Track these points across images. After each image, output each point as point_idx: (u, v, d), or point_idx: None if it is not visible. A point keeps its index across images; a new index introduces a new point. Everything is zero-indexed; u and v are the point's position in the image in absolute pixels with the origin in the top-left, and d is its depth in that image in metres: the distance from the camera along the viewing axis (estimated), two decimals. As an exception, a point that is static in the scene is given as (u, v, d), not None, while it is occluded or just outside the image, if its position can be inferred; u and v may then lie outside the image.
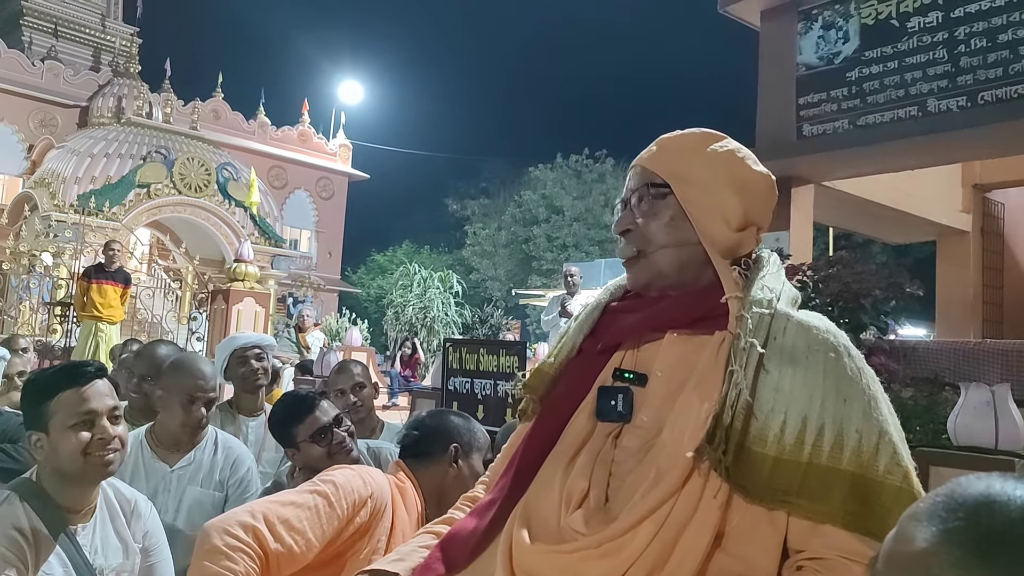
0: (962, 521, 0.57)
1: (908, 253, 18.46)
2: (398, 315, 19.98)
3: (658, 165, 1.29)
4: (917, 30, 5.76)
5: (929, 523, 0.58)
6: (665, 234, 1.25)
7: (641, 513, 1.07)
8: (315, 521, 1.62)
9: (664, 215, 1.25)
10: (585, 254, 27.15)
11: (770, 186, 1.30)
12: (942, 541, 0.57)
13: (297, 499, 1.66)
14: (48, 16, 24.18)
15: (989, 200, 8.00)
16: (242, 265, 10.49)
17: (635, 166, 1.33)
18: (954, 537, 0.56)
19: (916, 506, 0.62)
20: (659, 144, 1.32)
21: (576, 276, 8.27)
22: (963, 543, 0.56)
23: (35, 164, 20.71)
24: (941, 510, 0.59)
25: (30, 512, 1.79)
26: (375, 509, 1.71)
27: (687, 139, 1.31)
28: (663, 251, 1.25)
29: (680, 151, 1.29)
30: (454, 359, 4.63)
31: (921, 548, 0.58)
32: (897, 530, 0.62)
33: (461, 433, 2.04)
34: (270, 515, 1.58)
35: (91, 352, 8.46)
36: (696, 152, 1.27)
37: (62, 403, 1.83)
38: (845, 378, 1.11)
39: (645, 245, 1.27)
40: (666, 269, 1.25)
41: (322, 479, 1.71)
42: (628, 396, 1.21)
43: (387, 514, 1.76)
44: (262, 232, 20.33)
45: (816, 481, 1.05)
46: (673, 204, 1.25)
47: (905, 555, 0.59)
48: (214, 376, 2.68)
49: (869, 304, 3.71)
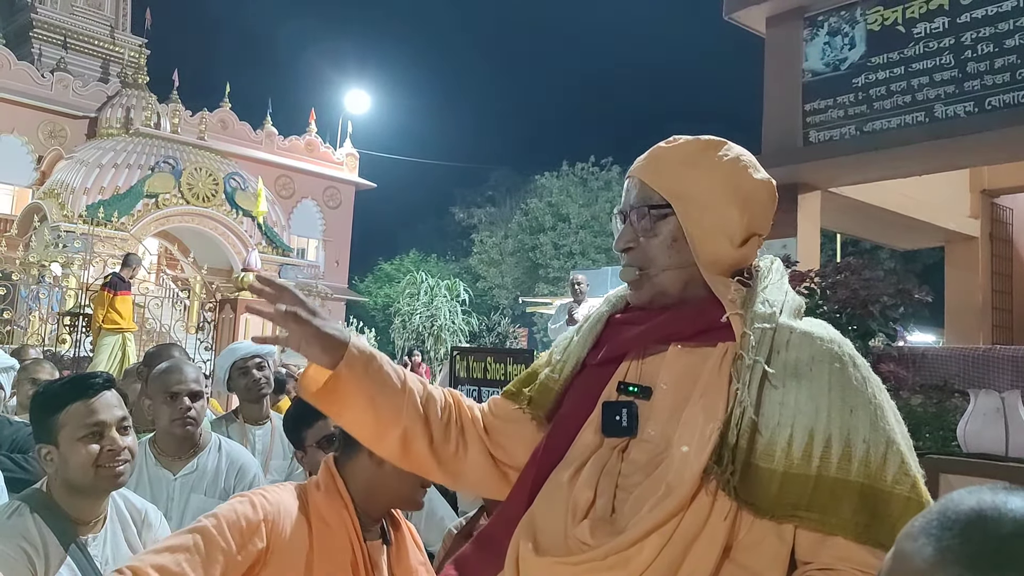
0: (956, 539, 0.57)
1: (916, 259, 18.40)
2: (405, 323, 20.02)
3: (658, 182, 1.25)
4: (923, 36, 5.75)
5: (925, 541, 0.58)
6: (667, 256, 1.23)
7: (648, 526, 1.07)
8: (196, 560, 1.52)
9: (665, 236, 1.23)
10: (592, 262, 27.12)
11: (771, 193, 1.27)
12: (938, 561, 0.57)
13: (174, 542, 1.56)
14: (57, 28, 24.38)
15: (997, 205, 7.96)
16: (250, 274, 10.52)
17: (633, 177, 1.29)
18: (949, 555, 0.56)
19: (912, 524, 0.62)
20: (657, 155, 1.28)
21: (583, 284, 8.28)
22: (959, 561, 0.56)
23: (44, 175, 20.85)
24: (935, 528, 0.59)
25: (40, 523, 1.80)
26: (271, 531, 1.61)
27: (686, 150, 1.27)
28: (666, 273, 1.24)
29: (679, 165, 1.25)
30: (461, 367, 4.64)
31: (919, 567, 0.58)
32: (895, 549, 0.62)
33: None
34: (143, 567, 1.48)
35: (116, 363, 8.49)
36: (696, 166, 1.24)
37: (71, 415, 1.83)
38: (850, 388, 1.10)
39: (648, 266, 1.25)
40: (670, 289, 1.24)
41: (206, 514, 1.62)
42: (632, 410, 1.20)
43: (296, 531, 1.64)
44: (269, 241, 20.39)
45: (825, 494, 1.05)
46: (674, 224, 1.23)
47: (903, 574, 0.59)
48: (196, 373, 2.70)
49: (877, 311, 3.69)
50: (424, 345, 18.90)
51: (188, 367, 2.69)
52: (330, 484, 1.70)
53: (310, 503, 1.68)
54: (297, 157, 26.68)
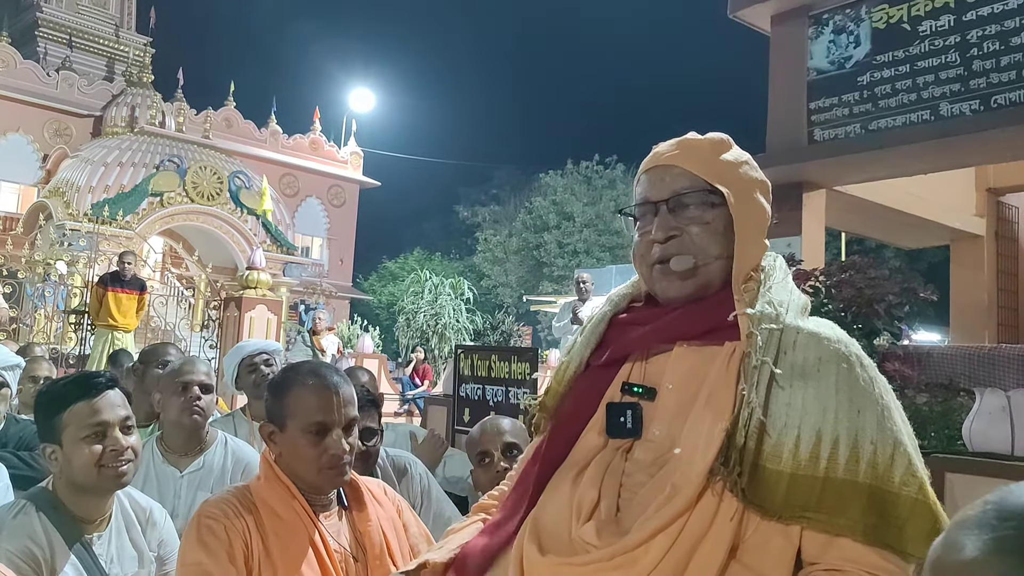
0: (1015, 530, 0.56)
1: (921, 258, 18.35)
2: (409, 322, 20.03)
3: (704, 169, 1.22)
4: (929, 34, 5.73)
5: (980, 531, 0.58)
6: (719, 246, 1.21)
7: (655, 527, 1.06)
8: None
9: (717, 224, 1.21)
10: (596, 260, 27.11)
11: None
12: (994, 550, 0.56)
13: None
14: (63, 27, 24.43)
15: (1003, 204, 7.93)
16: (254, 273, 10.52)
17: (668, 166, 1.24)
18: (1006, 546, 0.56)
19: (965, 513, 0.61)
20: (692, 145, 1.25)
21: (588, 282, 8.27)
22: (1016, 551, 0.55)
23: (50, 173, 20.91)
24: (992, 518, 0.58)
25: (46, 522, 1.80)
26: (245, 530, 1.63)
27: (713, 142, 1.26)
28: (717, 263, 1.22)
29: (716, 156, 1.24)
30: (465, 366, 4.64)
31: (972, 557, 0.57)
32: (945, 538, 0.61)
33: (272, 407, 1.74)
34: None
35: (106, 360, 8.51)
36: (729, 158, 1.24)
37: (74, 415, 1.83)
38: (857, 388, 1.10)
39: (700, 254, 1.21)
40: (715, 281, 1.22)
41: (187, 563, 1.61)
42: (637, 411, 1.19)
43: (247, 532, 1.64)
44: (274, 240, 20.42)
45: (833, 495, 1.05)
46: (725, 213, 1.21)
47: (955, 564, 0.59)
48: (208, 368, 2.74)
49: (883, 309, 3.68)
50: (428, 343, 18.90)
51: (200, 362, 2.74)
52: (270, 473, 1.71)
53: (255, 498, 1.69)
54: (301, 155, 26.71)
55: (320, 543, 1.66)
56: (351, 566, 1.70)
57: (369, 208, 29.62)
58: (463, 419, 4.56)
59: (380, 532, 1.75)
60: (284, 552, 1.62)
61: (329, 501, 1.75)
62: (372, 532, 1.74)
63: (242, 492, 1.72)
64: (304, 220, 26.61)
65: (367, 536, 1.74)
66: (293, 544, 1.64)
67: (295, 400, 1.69)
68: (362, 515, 1.76)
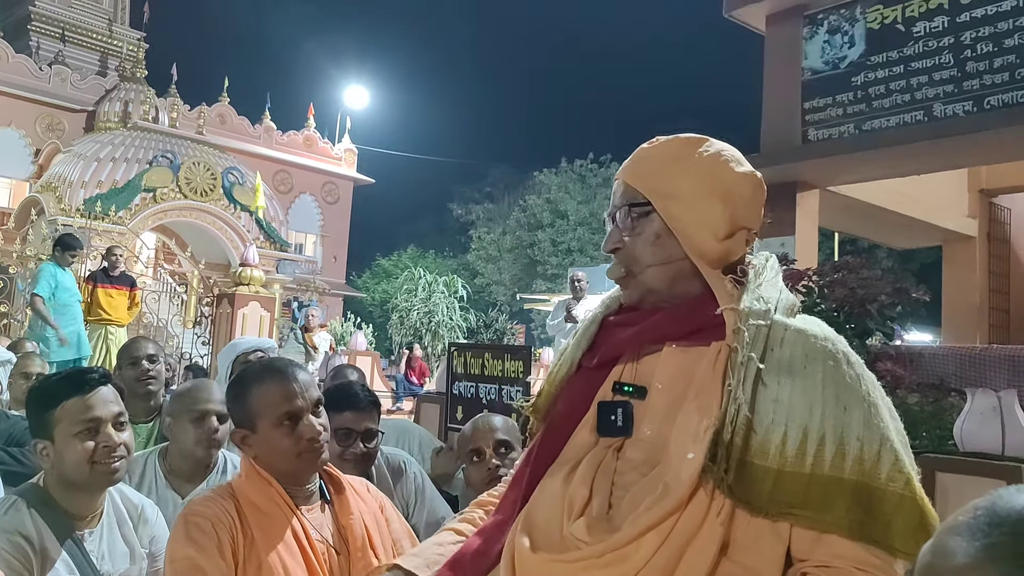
0: (1006, 536, 0.56)
1: (914, 258, 18.43)
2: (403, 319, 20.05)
3: (638, 181, 1.26)
4: (923, 35, 5.75)
5: (971, 537, 0.57)
6: (651, 253, 1.24)
7: (645, 524, 1.07)
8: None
9: (648, 234, 1.24)
10: (590, 258, 27.14)
11: (756, 186, 1.26)
12: (986, 556, 0.56)
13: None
14: (55, 21, 24.29)
15: (996, 205, 7.97)
16: (247, 269, 10.48)
17: (618, 180, 1.31)
18: (997, 552, 0.56)
19: (955, 518, 0.61)
20: (639, 156, 1.30)
21: (583, 281, 8.28)
22: (1007, 558, 0.55)
23: (42, 168, 20.79)
24: (984, 524, 0.58)
25: (36, 518, 1.80)
26: (232, 527, 1.64)
27: (668, 148, 1.27)
28: (651, 270, 1.24)
29: (660, 163, 1.26)
30: (459, 363, 4.64)
31: (963, 563, 0.57)
32: (935, 543, 0.61)
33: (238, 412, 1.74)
34: None
35: (101, 356, 8.47)
36: (677, 163, 1.24)
37: (67, 411, 1.83)
38: (844, 386, 1.10)
39: (632, 264, 1.26)
40: (656, 286, 1.25)
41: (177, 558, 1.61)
42: (628, 410, 1.20)
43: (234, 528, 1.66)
44: (267, 236, 20.35)
45: (819, 492, 1.05)
46: (657, 221, 1.23)
47: (946, 570, 0.58)
48: (221, 394, 2.62)
49: (875, 309, 3.70)
50: (422, 341, 18.92)
51: (216, 388, 2.60)
52: (250, 469, 1.72)
53: (238, 495, 1.70)
54: (295, 152, 26.63)
55: (302, 534, 1.68)
56: (333, 559, 1.71)
57: (363, 205, 29.61)
58: (456, 417, 4.56)
59: (362, 526, 1.76)
60: (267, 544, 1.64)
61: (311, 494, 1.76)
62: (354, 525, 1.75)
63: (225, 489, 1.74)
64: (298, 217, 26.54)
65: (349, 529, 1.75)
66: (275, 536, 1.65)
67: (258, 399, 1.71)
68: (344, 509, 1.78)
